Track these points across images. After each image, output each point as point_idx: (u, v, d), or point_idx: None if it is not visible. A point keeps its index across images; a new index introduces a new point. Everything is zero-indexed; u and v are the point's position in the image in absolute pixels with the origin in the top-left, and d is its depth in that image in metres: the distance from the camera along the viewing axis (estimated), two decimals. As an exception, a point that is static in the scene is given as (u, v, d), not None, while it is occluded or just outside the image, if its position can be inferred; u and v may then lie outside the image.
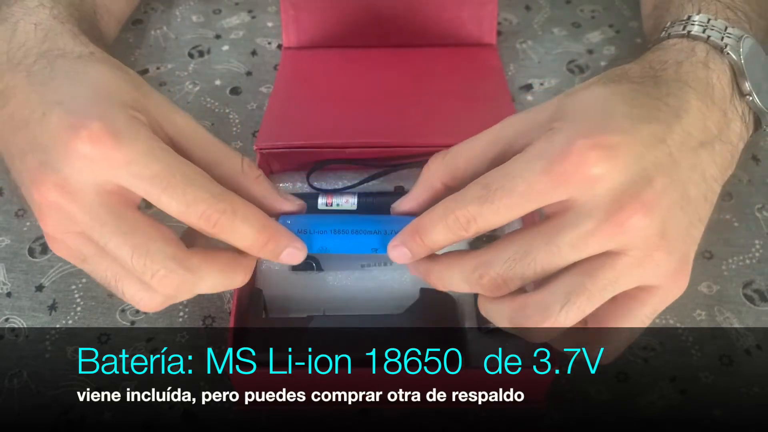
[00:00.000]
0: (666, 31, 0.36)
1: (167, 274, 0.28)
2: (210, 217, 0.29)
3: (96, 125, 0.28)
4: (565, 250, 0.27)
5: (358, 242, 0.39)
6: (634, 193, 0.26)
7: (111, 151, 0.28)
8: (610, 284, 0.27)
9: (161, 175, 0.28)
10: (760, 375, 0.40)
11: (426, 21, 0.56)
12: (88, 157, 0.28)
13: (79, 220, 0.28)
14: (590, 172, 0.26)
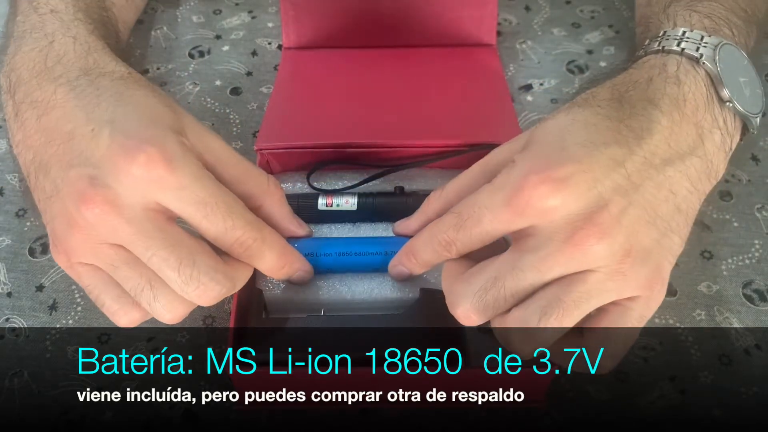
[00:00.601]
0: (643, 49, 0.37)
1: (212, 284, 0.31)
2: (243, 243, 0.32)
3: (152, 150, 0.30)
4: (529, 273, 0.29)
5: (361, 263, 0.42)
6: (588, 217, 0.28)
7: (164, 176, 0.30)
8: (584, 297, 0.29)
9: (206, 202, 0.31)
10: (760, 375, 0.40)
11: (426, 21, 0.56)
12: (143, 179, 0.30)
13: (124, 232, 0.30)
14: (542, 205, 0.28)
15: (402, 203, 0.45)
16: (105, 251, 0.31)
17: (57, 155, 0.32)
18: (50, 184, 0.32)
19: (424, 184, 0.47)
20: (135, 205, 0.30)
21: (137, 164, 0.30)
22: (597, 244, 0.28)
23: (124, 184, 0.30)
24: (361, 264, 0.42)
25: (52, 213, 0.32)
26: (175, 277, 0.31)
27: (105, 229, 0.31)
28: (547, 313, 0.29)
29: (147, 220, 0.31)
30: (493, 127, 0.47)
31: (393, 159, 0.47)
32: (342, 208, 0.45)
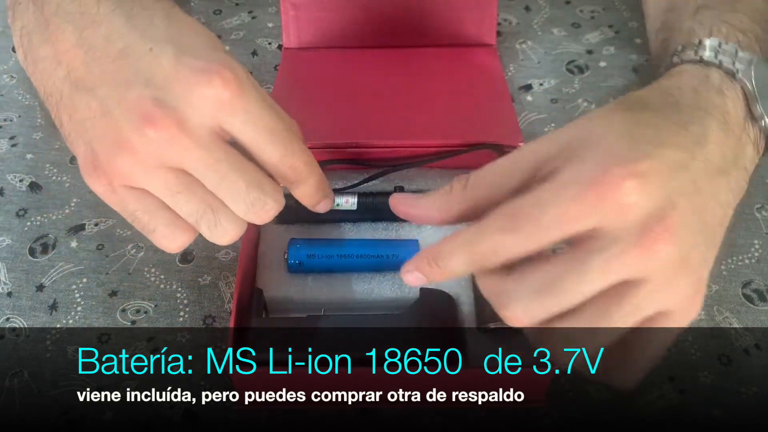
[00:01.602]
0: (677, 56, 0.36)
1: (273, 205, 0.32)
2: (297, 168, 0.32)
3: (227, 73, 0.29)
4: (594, 276, 0.27)
5: (362, 265, 0.42)
6: (660, 218, 0.26)
7: (236, 100, 0.30)
8: (633, 311, 0.27)
9: (272, 128, 0.31)
10: (759, 375, 0.40)
11: (426, 21, 0.56)
12: (215, 101, 0.29)
13: (193, 155, 0.30)
14: (624, 200, 0.26)
15: (402, 203, 0.45)
16: (164, 175, 0.30)
17: (107, 73, 0.30)
18: (96, 103, 0.30)
19: (424, 184, 0.47)
20: (202, 127, 0.30)
21: (212, 86, 0.29)
22: (665, 248, 0.26)
23: (195, 107, 0.29)
24: (361, 265, 0.42)
25: (93, 133, 0.30)
26: (242, 200, 0.31)
27: (170, 152, 0.30)
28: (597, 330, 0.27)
29: (213, 143, 0.30)
30: (493, 127, 0.47)
31: (393, 159, 0.47)
32: (342, 207, 0.45)
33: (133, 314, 0.43)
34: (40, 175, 0.50)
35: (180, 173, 0.31)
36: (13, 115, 0.54)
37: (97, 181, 0.31)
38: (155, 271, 0.45)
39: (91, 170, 0.31)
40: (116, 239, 0.46)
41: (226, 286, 0.44)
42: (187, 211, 0.32)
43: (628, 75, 0.57)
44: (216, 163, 0.30)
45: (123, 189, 0.31)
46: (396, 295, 0.41)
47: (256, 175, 0.31)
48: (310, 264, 0.42)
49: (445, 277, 0.30)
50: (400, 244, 0.43)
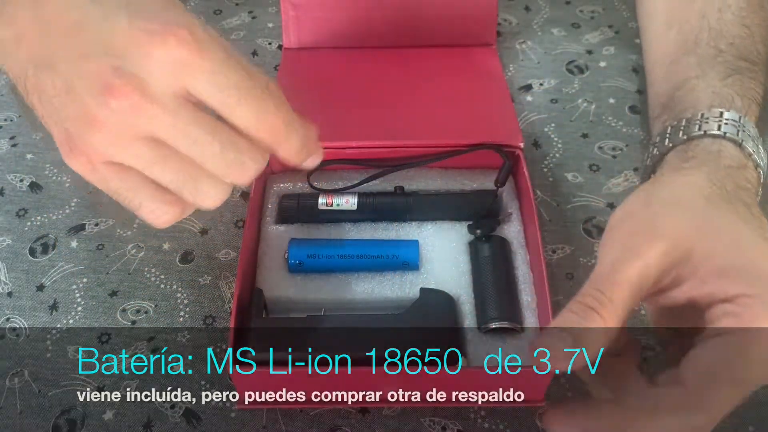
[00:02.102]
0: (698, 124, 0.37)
1: (252, 164, 0.30)
2: (275, 127, 0.30)
3: (182, 32, 0.28)
4: None
5: (362, 265, 0.42)
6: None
7: (196, 59, 0.28)
8: None
9: (239, 86, 0.29)
10: (759, 375, 0.40)
11: (426, 21, 0.56)
12: (173, 63, 0.28)
13: (162, 121, 0.29)
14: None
15: (402, 203, 0.45)
16: (138, 147, 0.29)
17: (65, 48, 0.29)
18: (60, 81, 0.29)
19: (424, 184, 0.47)
20: (166, 92, 0.28)
21: (167, 47, 0.28)
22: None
23: (152, 71, 0.28)
24: (361, 265, 0.42)
25: (64, 113, 0.29)
26: (218, 162, 0.30)
27: (137, 121, 0.28)
28: None
29: (181, 107, 0.29)
30: (493, 127, 0.47)
31: (393, 159, 0.47)
32: (342, 207, 0.45)
33: (133, 314, 0.43)
34: (41, 175, 0.50)
35: (153, 143, 0.29)
36: (13, 115, 0.54)
37: (76, 161, 0.30)
38: (155, 271, 0.45)
39: (68, 151, 0.30)
40: (116, 239, 0.46)
41: (227, 286, 0.44)
42: (167, 181, 0.30)
43: (628, 75, 0.57)
44: (186, 127, 0.29)
45: (103, 166, 0.30)
46: (396, 295, 0.41)
47: (229, 136, 0.30)
48: (310, 264, 0.42)
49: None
50: (401, 244, 0.43)
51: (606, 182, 0.49)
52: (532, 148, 0.52)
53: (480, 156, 0.46)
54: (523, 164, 0.45)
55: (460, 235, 0.44)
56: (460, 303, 0.41)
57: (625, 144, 0.52)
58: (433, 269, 0.42)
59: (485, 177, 0.47)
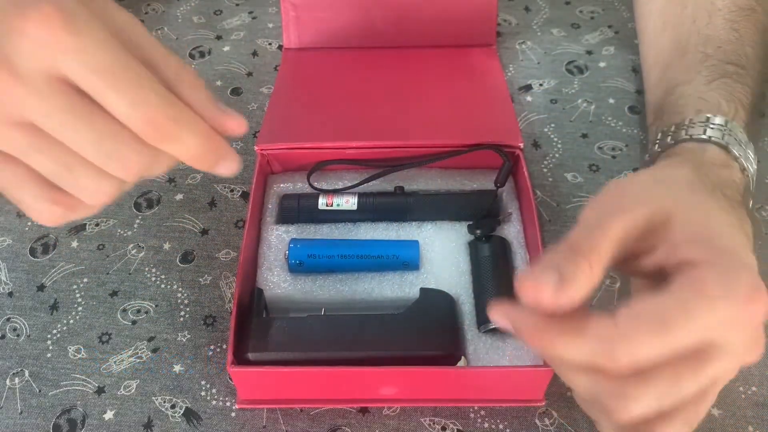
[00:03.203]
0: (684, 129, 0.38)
1: (135, 156, 0.28)
2: (157, 122, 0.27)
3: (47, 7, 0.25)
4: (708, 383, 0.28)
5: (362, 265, 0.42)
6: None
7: (62, 36, 0.26)
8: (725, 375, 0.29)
9: (112, 69, 0.26)
10: (759, 374, 0.40)
11: (426, 22, 0.56)
12: (38, 40, 0.26)
13: (32, 105, 0.27)
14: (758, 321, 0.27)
15: (402, 203, 0.45)
16: (11, 133, 0.27)
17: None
18: None
19: (424, 184, 0.47)
20: (36, 72, 0.26)
21: (31, 22, 0.25)
22: None
23: (20, 49, 0.26)
24: (361, 265, 0.42)
25: None
26: (95, 152, 0.27)
27: (7, 105, 0.26)
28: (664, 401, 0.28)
29: (54, 90, 0.26)
30: (493, 128, 0.48)
31: (393, 159, 0.47)
32: (342, 207, 0.45)
33: (133, 314, 0.43)
34: (41, 175, 0.50)
35: (28, 129, 0.27)
36: (13, 115, 0.54)
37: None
38: (156, 271, 0.45)
39: None
40: (117, 239, 0.46)
41: (227, 286, 0.44)
42: (46, 171, 0.28)
43: (628, 75, 0.57)
44: (58, 112, 0.27)
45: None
46: (396, 295, 0.41)
47: (108, 123, 0.27)
48: (310, 264, 0.42)
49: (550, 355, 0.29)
50: (401, 244, 0.43)
51: (606, 182, 0.49)
52: (532, 149, 0.52)
53: (480, 156, 0.46)
54: (523, 164, 0.45)
55: (460, 235, 0.44)
56: (460, 303, 0.41)
57: (624, 144, 0.52)
58: (433, 269, 0.43)
59: (485, 177, 0.47)
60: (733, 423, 0.38)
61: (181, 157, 0.29)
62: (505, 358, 0.39)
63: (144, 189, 0.49)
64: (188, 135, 0.28)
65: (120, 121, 0.27)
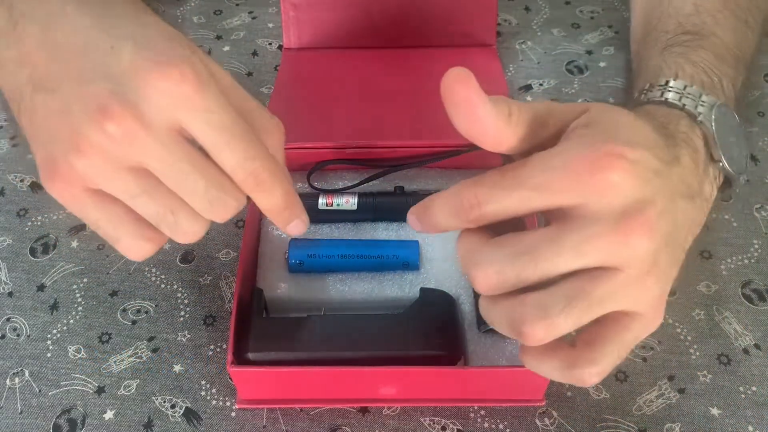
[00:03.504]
0: (644, 94, 0.38)
1: (234, 204, 0.31)
2: (258, 176, 0.30)
3: (185, 68, 0.28)
4: (568, 253, 0.27)
5: (362, 265, 0.42)
6: (639, 210, 0.27)
7: (194, 96, 0.28)
8: (608, 297, 0.27)
9: (231, 129, 0.30)
10: (759, 374, 0.40)
11: (426, 22, 0.56)
12: (172, 96, 0.28)
13: (153, 151, 0.29)
14: (610, 179, 0.27)
15: (402, 203, 0.45)
16: (123, 176, 0.29)
17: (68, 71, 0.29)
18: (55, 102, 0.29)
19: (424, 184, 0.47)
20: (160, 123, 0.29)
21: (170, 81, 0.28)
22: (641, 238, 0.27)
23: (151, 101, 0.28)
24: (361, 265, 0.42)
25: (50, 134, 0.29)
26: (201, 198, 0.30)
27: (128, 148, 0.29)
28: (571, 303, 0.27)
29: (172, 140, 0.29)
30: (493, 128, 0.47)
31: (393, 159, 0.47)
32: (342, 207, 0.45)
33: (133, 314, 0.43)
34: (41, 175, 0.50)
35: (139, 173, 0.30)
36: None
37: (55, 187, 0.30)
38: (156, 271, 0.45)
39: (49, 175, 0.30)
40: (117, 239, 0.46)
41: (227, 286, 0.44)
42: (147, 214, 0.31)
43: (628, 75, 0.57)
44: (176, 161, 0.29)
45: (84, 193, 0.30)
46: (396, 295, 0.41)
47: (215, 174, 0.30)
48: (310, 264, 0.42)
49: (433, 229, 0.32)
50: (401, 244, 0.43)
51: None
52: (532, 148, 0.52)
53: (480, 156, 0.46)
54: (523, 164, 0.45)
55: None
56: (460, 303, 0.41)
57: (624, 144, 0.52)
58: (433, 269, 0.43)
59: (485, 177, 0.47)
60: (733, 423, 0.38)
61: (265, 206, 0.32)
62: (505, 358, 0.39)
63: (144, 189, 0.49)
64: (278, 188, 0.31)
65: (227, 172, 0.30)
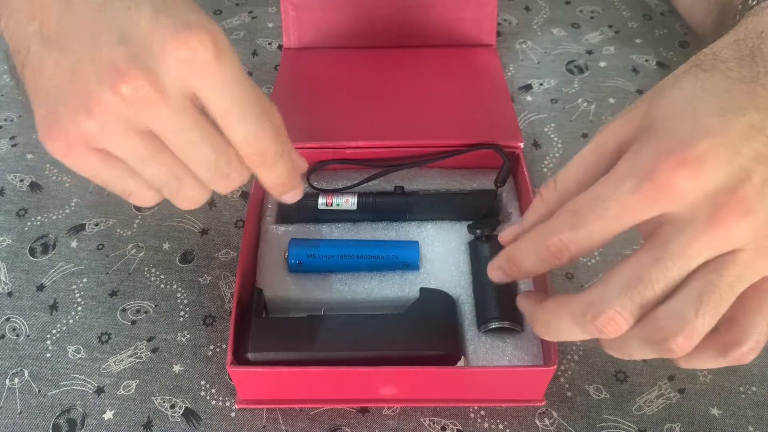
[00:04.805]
0: None
1: (238, 179, 0.31)
2: (266, 154, 0.31)
3: (205, 36, 0.28)
4: (677, 261, 0.26)
5: (362, 265, 0.42)
6: (731, 192, 0.26)
7: (213, 65, 0.28)
8: (738, 279, 0.27)
9: (245, 102, 0.29)
10: (759, 374, 0.40)
11: (426, 21, 0.56)
12: (190, 63, 0.28)
13: (164, 116, 0.29)
14: (679, 188, 0.26)
15: (402, 203, 0.45)
16: (132, 139, 0.29)
17: (81, 28, 0.29)
18: (66, 62, 0.29)
19: (424, 184, 0.47)
20: (175, 90, 0.28)
21: (188, 47, 0.27)
22: (742, 220, 0.26)
23: (168, 67, 0.28)
24: (361, 265, 0.42)
25: (58, 92, 0.29)
26: (207, 169, 0.30)
27: (141, 111, 0.28)
28: (703, 301, 0.26)
29: (187, 108, 0.29)
30: (493, 128, 0.47)
31: (393, 159, 0.47)
32: (342, 207, 0.45)
33: (133, 314, 0.43)
34: (41, 175, 0.50)
35: (148, 138, 0.29)
36: (13, 115, 0.54)
37: (53, 143, 0.29)
38: (155, 271, 0.45)
39: (48, 131, 0.29)
40: (116, 239, 0.46)
41: (226, 286, 0.44)
42: (150, 177, 0.30)
43: (628, 75, 0.57)
44: (186, 128, 0.29)
45: (86, 151, 0.30)
46: (396, 295, 0.41)
47: (223, 146, 0.30)
48: (310, 264, 0.42)
49: (525, 277, 0.31)
50: (401, 244, 0.43)
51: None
52: (532, 148, 0.52)
53: (480, 156, 0.46)
54: (523, 164, 0.45)
55: (460, 235, 0.44)
56: (460, 303, 0.41)
57: (625, 144, 0.52)
58: (433, 269, 0.42)
59: (485, 177, 0.47)
60: (733, 423, 0.38)
61: (266, 181, 0.33)
62: (505, 358, 0.39)
63: (144, 189, 0.49)
64: (281, 168, 0.32)
65: (235, 145, 0.30)
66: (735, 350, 0.28)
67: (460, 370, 0.37)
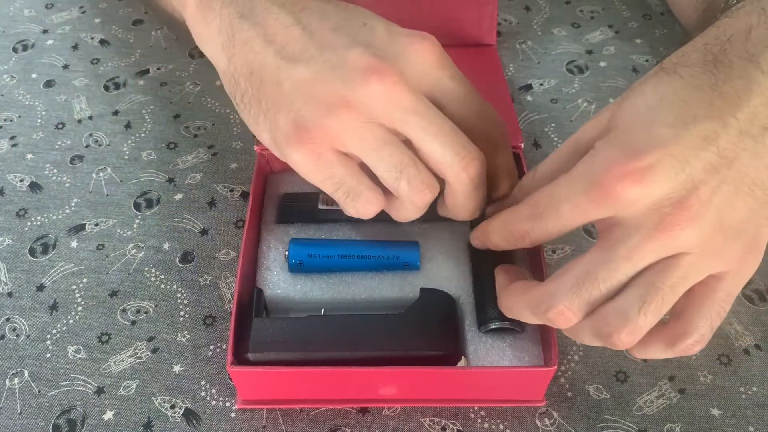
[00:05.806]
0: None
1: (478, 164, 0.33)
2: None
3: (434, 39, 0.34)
4: (622, 264, 0.28)
5: (362, 265, 0.42)
6: (677, 202, 0.27)
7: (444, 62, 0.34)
8: (680, 281, 0.28)
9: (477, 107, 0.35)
10: (759, 374, 0.40)
11: (426, 21, 0.56)
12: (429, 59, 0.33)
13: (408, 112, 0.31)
14: (624, 197, 0.27)
15: (402, 203, 0.45)
16: (374, 130, 0.32)
17: (324, 42, 0.32)
18: (310, 71, 0.32)
19: (424, 184, 0.47)
20: (419, 85, 0.32)
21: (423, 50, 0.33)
22: (686, 228, 0.27)
23: (412, 63, 0.32)
24: (361, 265, 0.42)
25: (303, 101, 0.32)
26: (450, 156, 0.32)
27: (389, 104, 0.31)
28: (646, 301, 0.28)
29: (427, 103, 0.32)
30: (493, 127, 0.47)
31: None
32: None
33: (133, 314, 0.43)
34: (41, 175, 0.50)
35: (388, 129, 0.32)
36: (13, 115, 0.54)
37: (303, 149, 0.32)
38: (155, 271, 0.45)
39: (296, 139, 0.32)
40: (116, 239, 0.46)
41: (226, 286, 0.44)
42: (391, 164, 0.32)
43: (628, 75, 0.57)
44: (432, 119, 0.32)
45: (332, 153, 0.32)
46: (396, 295, 0.41)
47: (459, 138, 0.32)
48: (310, 264, 0.42)
49: (495, 248, 0.35)
50: (401, 244, 0.43)
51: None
52: (532, 148, 0.52)
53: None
54: (524, 164, 0.45)
55: (460, 235, 0.44)
56: (460, 303, 0.41)
57: (625, 144, 0.52)
58: (433, 269, 0.42)
59: (485, 177, 0.47)
60: (734, 423, 0.38)
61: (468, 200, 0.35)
62: (505, 358, 0.39)
63: (143, 189, 0.49)
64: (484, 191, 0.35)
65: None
66: (681, 342, 0.30)
67: (460, 370, 0.37)
